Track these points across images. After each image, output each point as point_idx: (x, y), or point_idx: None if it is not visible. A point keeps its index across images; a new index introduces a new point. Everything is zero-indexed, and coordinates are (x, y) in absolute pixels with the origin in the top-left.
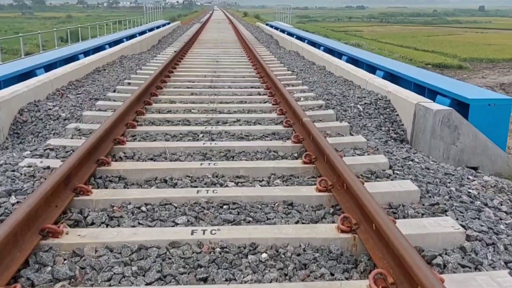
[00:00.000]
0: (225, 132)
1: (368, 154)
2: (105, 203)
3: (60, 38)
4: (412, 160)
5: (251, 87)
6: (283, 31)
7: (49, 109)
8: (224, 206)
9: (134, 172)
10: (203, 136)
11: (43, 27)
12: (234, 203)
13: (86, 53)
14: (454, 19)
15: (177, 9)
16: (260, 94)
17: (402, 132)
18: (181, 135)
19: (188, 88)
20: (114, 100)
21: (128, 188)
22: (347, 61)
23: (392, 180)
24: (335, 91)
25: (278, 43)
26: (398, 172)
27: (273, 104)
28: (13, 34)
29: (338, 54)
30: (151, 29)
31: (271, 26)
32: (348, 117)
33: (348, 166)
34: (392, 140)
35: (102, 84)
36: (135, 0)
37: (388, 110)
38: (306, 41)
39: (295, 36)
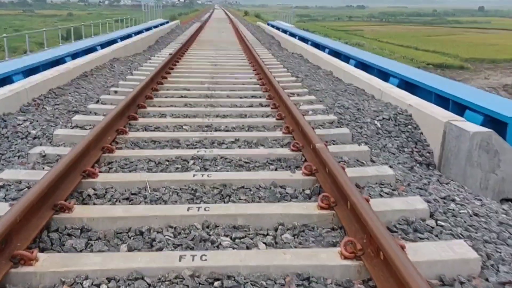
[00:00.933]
0: (221, 157)
1: (399, 195)
2: (53, 278)
3: (61, 36)
4: (453, 201)
5: (252, 97)
6: (285, 31)
7: (19, 124)
8: (216, 284)
9: (101, 221)
10: (194, 164)
11: (44, 24)
12: (229, 277)
13: (75, 55)
14: (454, 19)
15: (178, 7)
16: (262, 105)
17: (428, 154)
18: (167, 163)
19: (182, 97)
20: (95, 113)
21: (89, 249)
22: (355, 66)
23: (437, 235)
24: (347, 102)
25: (280, 44)
26: (442, 223)
27: (277, 119)
28: (13, 32)
29: (345, 58)
30: (148, 29)
31: (273, 26)
32: (365, 136)
33: (378, 216)
34: (418, 165)
35: (86, 92)
36: None
37: (410, 127)
38: (309, 42)
39: (297, 37)
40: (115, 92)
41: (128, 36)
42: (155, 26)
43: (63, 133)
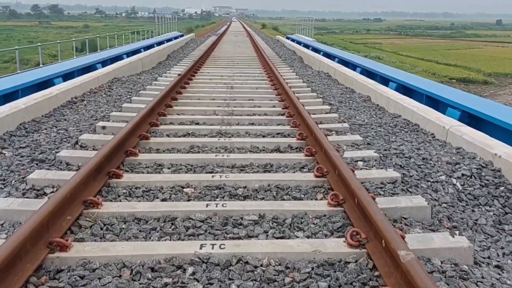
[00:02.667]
0: (236, 258)
1: None
2: None
3: (75, 48)
4: None
5: (278, 135)
6: (306, 46)
7: None
8: None
9: None
10: (194, 278)
11: (59, 36)
12: None
13: (68, 76)
14: (472, 32)
15: (195, 19)
16: (292, 149)
17: None
18: (148, 281)
19: (187, 136)
20: (66, 165)
21: None
22: (397, 89)
23: None
24: (405, 146)
25: (302, 60)
26: None
27: (316, 176)
28: (27, 44)
29: (382, 79)
30: (160, 43)
31: (293, 40)
32: (445, 205)
33: None
34: None
35: (67, 127)
36: (153, 11)
37: (503, 189)
38: (336, 59)
39: (322, 52)
40: (103, 128)
41: (136, 51)
42: (168, 40)
43: (3, 206)
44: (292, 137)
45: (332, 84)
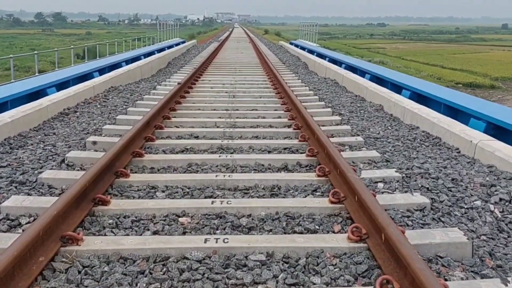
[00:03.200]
0: None
1: None
2: None
3: (77, 55)
4: None
5: (285, 150)
6: (311, 51)
7: None
8: None
9: None
10: None
11: (61, 43)
12: None
13: (63, 85)
14: (478, 36)
15: (198, 26)
16: (301, 167)
17: None
18: None
19: (185, 152)
20: (41, 193)
21: None
22: (411, 97)
23: None
24: (430, 165)
25: (307, 66)
26: None
27: (332, 202)
28: (29, 51)
29: (394, 86)
30: (161, 49)
31: (296, 46)
32: (484, 238)
33: None
34: None
35: (55, 143)
36: (156, 17)
37: None
38: (343, 65)
39: (327, 58)
40: (94, 143)
41: (136, 58)
42: (169, 47)
43: None
44: (301, 153)
45: (341, 92)
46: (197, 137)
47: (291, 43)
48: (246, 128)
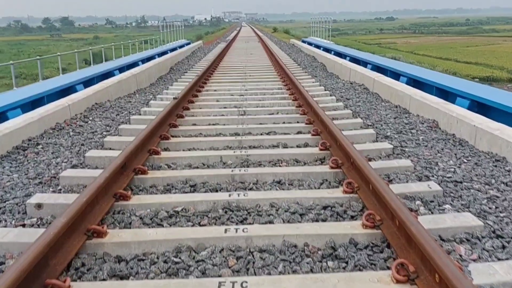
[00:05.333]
0: None
1: None
2: None
3: (84, 60)
4: None
5: (326, 208)
6: (327, 50)
7: None
8: None
9: None
10: None
11: (69, 48)
12: None
13: (36, 104)
14: (490, 27)
15: (205, 26)
16: (357, 248)
17: None
18: None
19: (174, 217)
20: None
21: None
22: (470, 107)
23: None
24: None
25: (325, 68)
26: None
27: None
28: (36, 57)
29: (439, 92)
30: (163, 53)
31: (310, 44)
32: None
33: None
34: None
35: None
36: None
37: None
38: (369, 66)
39: (348, 58)
40: (38, 207)
41: (133, 64)
42: (172, 50)
43: None
44: (353, 217)
45: (375, 102)
46: (193, 186)
47: (303, 41)
48: (262, 165)
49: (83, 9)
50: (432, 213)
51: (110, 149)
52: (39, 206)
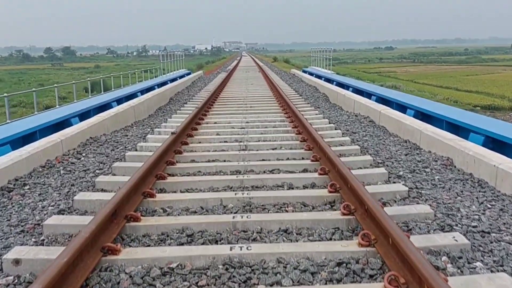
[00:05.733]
0: None
1: None
2: None
3: (85, 88)
4: None
5: (341, 265)
6: (328, 80)
7: None
8: None
9: None
10: None
11: (70, 77)
12: None
13: (27, 139)
14: (489, 57)
15: (206, 56)
16: None
17: None
18: None
19: (168, 276)
20: None
21: None
22: (485, 144)
23: None
24: None
25: (328, 98)
26: None
27: None
28: (38, 86)
29: (451, 127)
30: (163, 83)
31: (311, 74)
32: None
33: None
34: None
35: None
36: (164, 48)
37: None
38: (374, 97)
39: (351, 89)
40: (16, 263)
41: (132, 95)
42: (172, 80)
43: None
44: (371, 278)
45: (383, 136)
46: (191, 237)
47: (304, 71)
48: (267, 210)
49: (85, 39)
50: (462, 272)
51: (102, 190)
52: (17, 262)
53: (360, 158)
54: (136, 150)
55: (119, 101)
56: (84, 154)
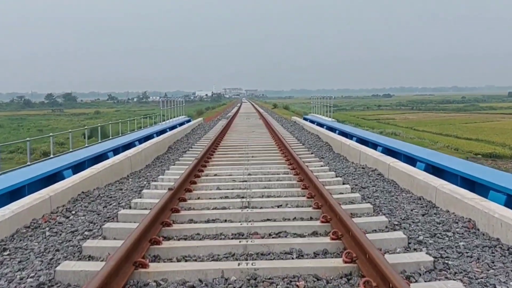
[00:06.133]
0: None
1: None
2: None
3: (83, 135)
4: None
5: None
6: (331, 128)
7: None
8: None
9: None
10: None
11: (70, 123)
12: None
13: (15, 194)
14: (486, 105)
15: (206, 102)
16: None
17: None
18: None
19: None
20: None
21: None
22: (506, 204)
23: None
24: None
25: (331, 148)
26: None
27: None
28: (37, 132)
29: (467, 183)
30: (162, 131)
31: (312, 122)
32: None
33: None
34: None
35: None
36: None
37: None
38: (380, 148)
39: (355, 138)
40: None
41: (129, 145)
42: (172, 127)
43: None
44: None
45: (394, 192)
46: None
47: (304, 118)
48: (275, 284)
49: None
50: None
51: (89, 258)
52: None
53: (374, 219)
54: (130, 207)
55: (116, 150)
56: (73, 212)
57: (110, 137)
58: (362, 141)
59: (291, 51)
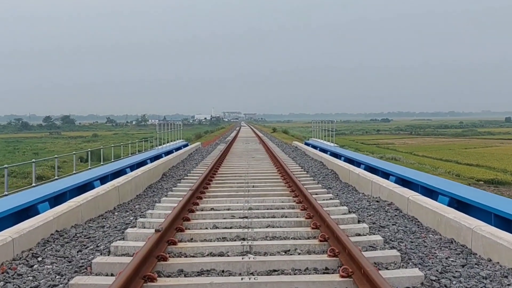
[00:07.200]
0: None
1: None
2: None
3: (80, 158)
4: None
5: None
6: (335, 155)
7: None
8: None
9: None
10: None
11: (67, 146)
12: None
13: None
14: (485, 130)
15: (205, 125)
16: None
17: None
18: None
19: None
20: None
21: None
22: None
23: None
24: None
25: (337, 176)
26: None
27: None
28: (33, 155)
29: (501, 221)
30: (157, 157)
31: (314, 147)
32: None
33: None
34: None
35: None
36: (163, 118)
37: None
38: (392, 178)
39: (363, 166)
40: None
41: (119, 172)
42: (167, 153)
43: None
44: None
45: (419, 232)
46: None
47: (306, 143)
48: None
49: (85, 109)
50: None
51: None
52: None
53: (406, 272)
54: (109, 253)
55: (104, 178)
56: (40, 259)
57: (102, 164)
58: (371, 169)
59: (289, 76)
